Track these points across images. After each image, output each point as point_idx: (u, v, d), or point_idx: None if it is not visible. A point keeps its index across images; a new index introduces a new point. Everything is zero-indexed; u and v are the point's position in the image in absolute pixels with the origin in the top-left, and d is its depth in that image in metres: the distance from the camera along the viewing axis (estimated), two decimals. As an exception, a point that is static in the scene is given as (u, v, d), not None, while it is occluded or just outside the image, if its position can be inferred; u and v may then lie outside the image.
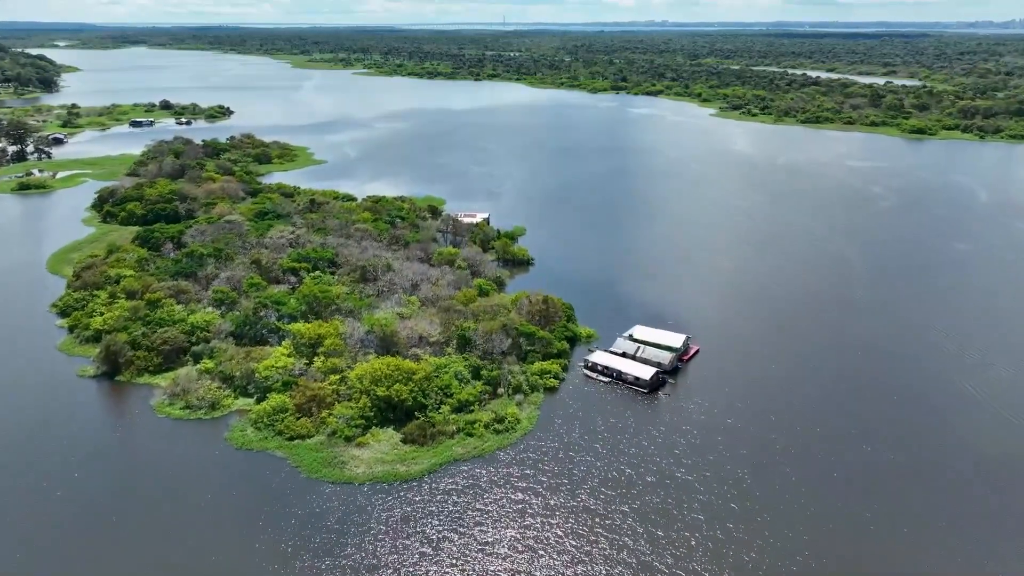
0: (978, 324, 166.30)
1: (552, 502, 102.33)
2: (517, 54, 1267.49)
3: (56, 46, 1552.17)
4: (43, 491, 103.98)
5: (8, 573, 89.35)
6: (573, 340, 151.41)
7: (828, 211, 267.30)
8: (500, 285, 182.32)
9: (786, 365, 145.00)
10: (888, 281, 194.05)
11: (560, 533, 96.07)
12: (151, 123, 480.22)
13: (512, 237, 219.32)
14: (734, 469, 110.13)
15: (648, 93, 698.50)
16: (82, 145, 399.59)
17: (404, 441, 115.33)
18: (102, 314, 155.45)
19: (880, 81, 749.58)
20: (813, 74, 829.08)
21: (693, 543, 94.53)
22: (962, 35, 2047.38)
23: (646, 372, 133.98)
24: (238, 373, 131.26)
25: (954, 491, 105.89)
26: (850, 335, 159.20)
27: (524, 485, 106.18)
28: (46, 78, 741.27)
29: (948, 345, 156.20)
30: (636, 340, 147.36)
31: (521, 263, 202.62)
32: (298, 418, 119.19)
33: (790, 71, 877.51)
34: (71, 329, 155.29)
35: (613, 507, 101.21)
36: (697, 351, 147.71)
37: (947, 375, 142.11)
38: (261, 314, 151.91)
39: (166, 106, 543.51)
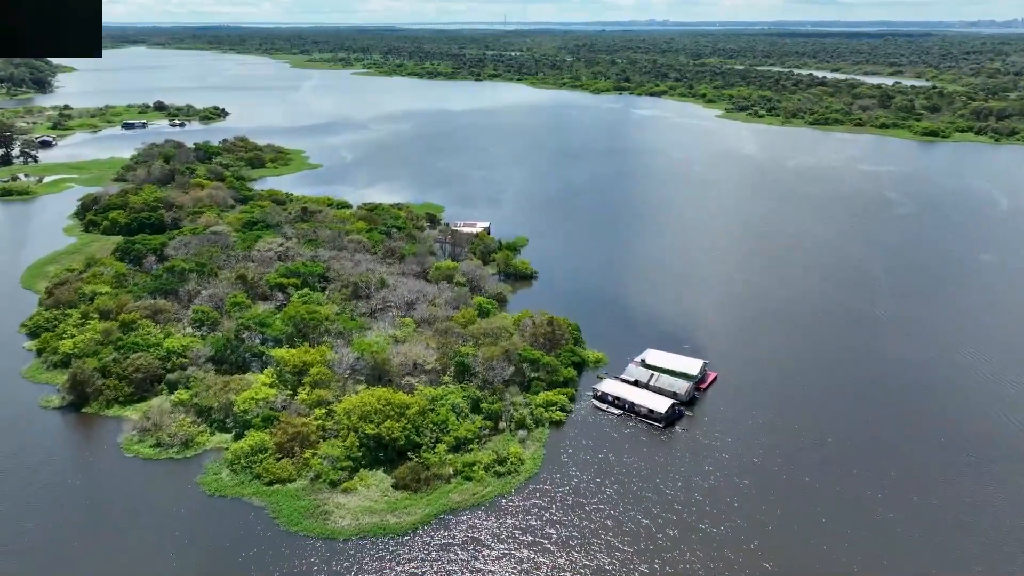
0: (1012, 345, 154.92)
1: (562, 561, 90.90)
2: (518, 54, 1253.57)
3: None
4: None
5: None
6: (580, 365, 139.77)
7: (843, 218, 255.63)
8: (501, 302, 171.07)
9: (810, 390, 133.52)
10: (911, 295, 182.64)
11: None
12: (144, 125, 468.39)
13: (514, 248, 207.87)
14: (764, 518, 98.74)
15: (652, 94, 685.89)
16: (71, 148, 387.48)
17: (395, 486, 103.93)
18: (72, 336, 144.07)
19: (887, 81, 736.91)
20: (819, 74, 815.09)
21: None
22: (965, 34, 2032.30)
23: (661, 404, 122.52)
24: (215, 405, 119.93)
25: (1004, 539, 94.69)
26: (877, 356, 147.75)
27: (530, 539, 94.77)
28: (40, 78, 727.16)
29: (982, 369, 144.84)
30: (649, 366, 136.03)
31: (524, 277, 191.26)
32: (279, 459, 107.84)
33: (795, 71, 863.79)
34: (39, 352, 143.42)
35: (631, 567, 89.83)
36: (715, 378, 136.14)
37: (983, 402, 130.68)
38: (243, 337, 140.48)
39: (160, 107, 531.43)
